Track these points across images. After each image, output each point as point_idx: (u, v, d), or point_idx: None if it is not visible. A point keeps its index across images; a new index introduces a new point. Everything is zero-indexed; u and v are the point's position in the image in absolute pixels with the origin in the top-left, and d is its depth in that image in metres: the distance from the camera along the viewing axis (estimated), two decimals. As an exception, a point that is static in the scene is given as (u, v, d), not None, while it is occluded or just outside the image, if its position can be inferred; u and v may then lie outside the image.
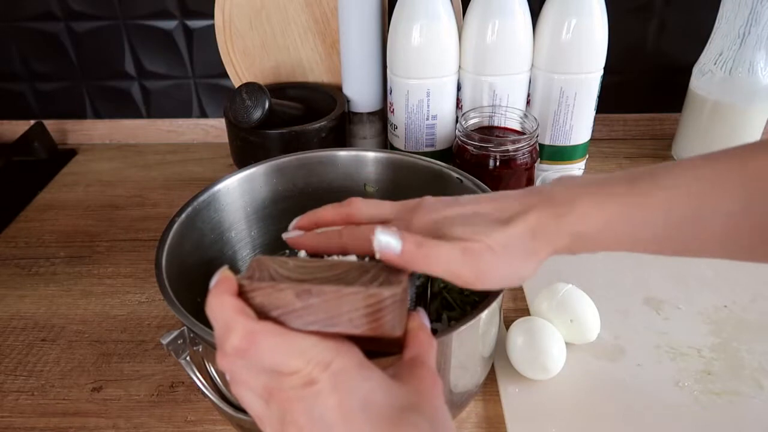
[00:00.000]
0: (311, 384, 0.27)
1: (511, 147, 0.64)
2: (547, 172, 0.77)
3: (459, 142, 0.67)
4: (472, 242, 0.33)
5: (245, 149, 0.72)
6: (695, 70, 0.77)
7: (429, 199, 0.38)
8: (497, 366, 0.52)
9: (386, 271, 0.33)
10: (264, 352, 0.28)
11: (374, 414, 0.27)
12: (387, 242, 0.32)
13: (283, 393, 0.28)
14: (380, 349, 0.33)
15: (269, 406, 0.29)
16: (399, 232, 0.33)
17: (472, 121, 0.69)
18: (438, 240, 0.34)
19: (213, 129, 0.93)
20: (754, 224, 0.32)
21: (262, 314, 0.30)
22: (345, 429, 0.27)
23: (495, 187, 0.52)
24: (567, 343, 0.52)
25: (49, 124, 0.91)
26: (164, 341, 0.39)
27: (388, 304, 0.30)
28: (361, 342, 0.30)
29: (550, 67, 0.71)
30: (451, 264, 0.33)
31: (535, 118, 0.67)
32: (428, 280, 0.49)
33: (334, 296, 0.30)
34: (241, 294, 0.31)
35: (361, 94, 0.77)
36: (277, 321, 0.30)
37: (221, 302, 0.30)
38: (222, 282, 0.31)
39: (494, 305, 0.40)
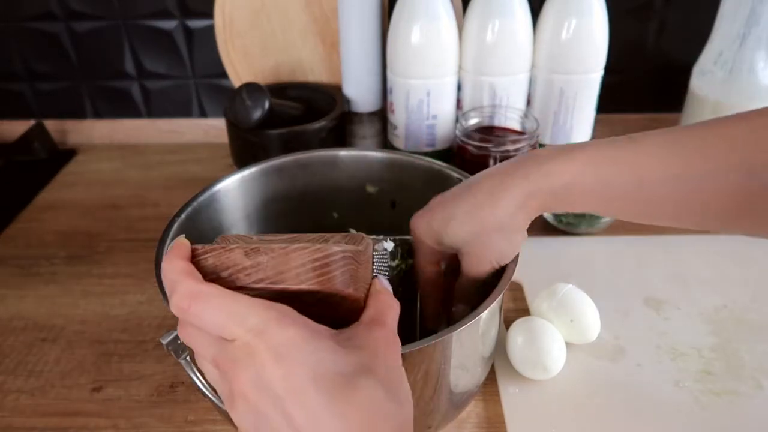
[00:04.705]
0: (252, 354, 0.27)
1: (511, 147, 0.64)
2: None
3: (459, 142, 0.67)
4: (478, 239, 0.40)
5: (245, 149, 0.72)
6: (695, 70, 0.77)
7: (432, 204, 0.43)
8: (497, 366, 0.52)
9: (345, 238, 0.33)
10: (203, 312, 0.28)
11: (326, 383, 0.26)
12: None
13: (228, 363, 0.28)
14: (342, 315, 0.32)
15: (221, 376, 0.29)
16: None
17: (472, 121, 0.69)
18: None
19: (213, 129, 0.93)
20: (722, 189, 0.33)
21: (214, 275, 0.30)
22: (296, 401, 0.26)
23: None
24: (567, 343, 0.52)
25: (49, 124, 0.91)
26: (164, 341, 0.39)
27: (337, 259, 0.30)
28: (318, 306, 0.30)
29: (550, 67, 0.71)
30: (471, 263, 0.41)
31: (536, 118, 0.67)
32: (409, 270, 0.49)
33: (282, 252, 0.30)
34: (194, 258, 0.31)
35: (361, 94, 0.77)
36: (227, 281, 0.30)
37: (172, 266, 0.30)
38: (175, 247, 0.31)
39: (494, 305, 0.40)
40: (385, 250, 0.44)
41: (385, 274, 0.43)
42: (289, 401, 0.26)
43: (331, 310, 0.31)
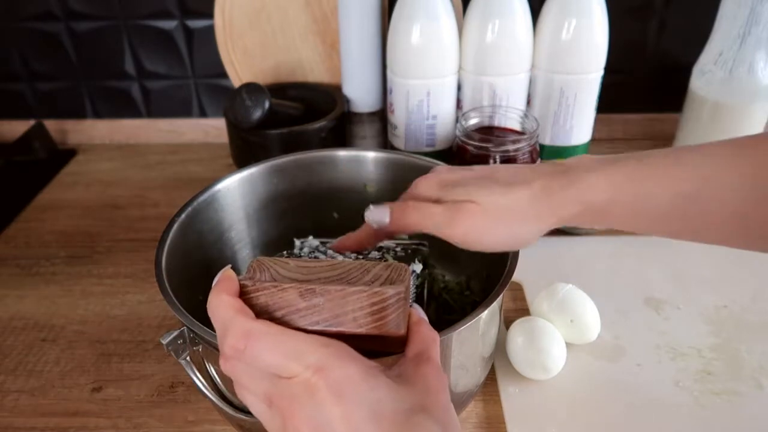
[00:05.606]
0: (311, 391, 0.27)
1: (511, 147, 0.64)
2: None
3: (459, 142, 0.67)
4: (464, 203, 0.36)
5: (245, 149, 0.72)
6: (695, 70, 0.77)
7: (441, 167, 0.41)
8: (497, 366, 0.52)
9: (388, 270, 0.32)
10: (260, 352, 0.28)
11: (384, 422, 0.26)
12: (375, 217, 0.40)
13: (284, 400, 0.27)
14: (383, 348, 0.32)
15: (272, 411, 0.28)
16: (387, 205, 0.40)
17: (472, 121, 0.69)
18: (428, 203, 0.37)
19: (213, 129, 0.93)
20: (763, 208, 0.32)
21: (266, 315, 0.30)
22: None
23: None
24: (567, 343, 0.52)
25: (49, 124, 0.91)
26: (164, 341, 0.39)
27: (393, 302, 0.30)
28: (364, 341, 0.30)
29: (550, 67, 0.71)
30: (439, 224, 0.37)
31: (536, 118, 0.67)
32: (425, 281, 0.49)
33: (339, 295, 0.29)
34: (244, 294, 0.30)
35: (361, 94, 0.77)
36: (281, 321, 0.29)
37: (220, 301, 0.29)
38: (223, 281, 0.30)
39: (494, 305, 0.40)
40: (414, 272, 0.44)
41: (412, 297, 0.43)
42: None
43: (371, 344, 0.31)
